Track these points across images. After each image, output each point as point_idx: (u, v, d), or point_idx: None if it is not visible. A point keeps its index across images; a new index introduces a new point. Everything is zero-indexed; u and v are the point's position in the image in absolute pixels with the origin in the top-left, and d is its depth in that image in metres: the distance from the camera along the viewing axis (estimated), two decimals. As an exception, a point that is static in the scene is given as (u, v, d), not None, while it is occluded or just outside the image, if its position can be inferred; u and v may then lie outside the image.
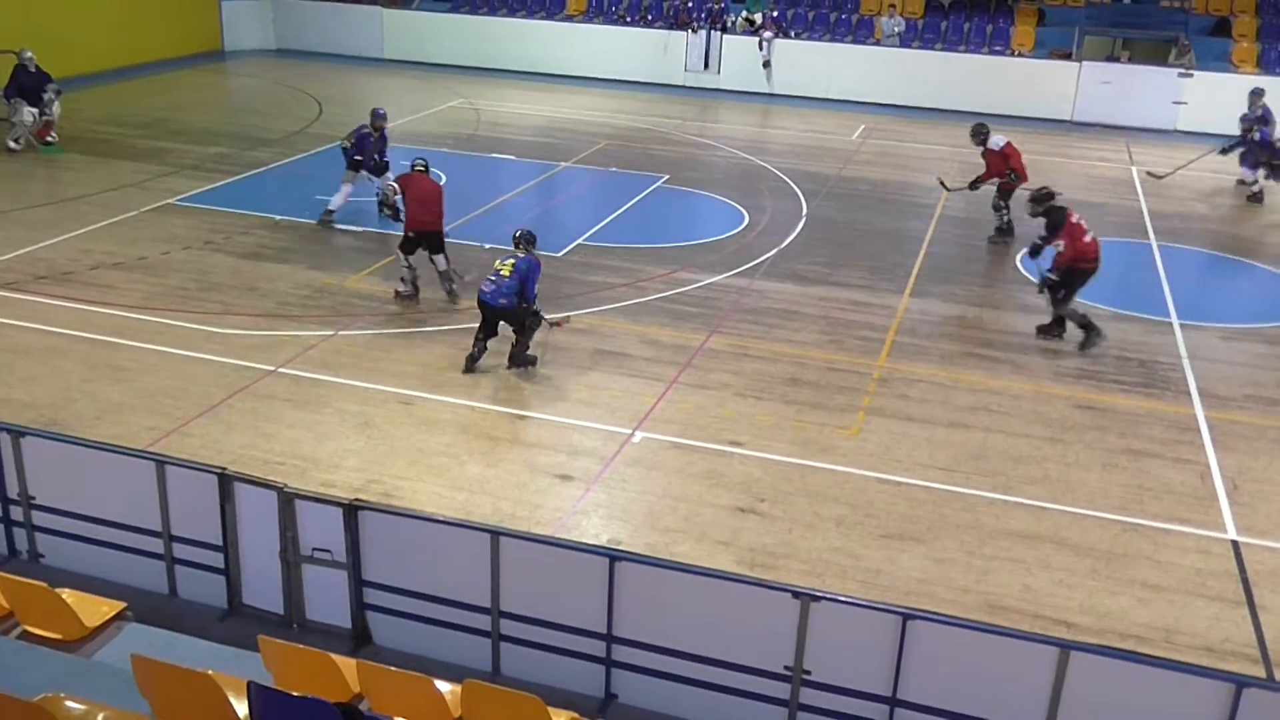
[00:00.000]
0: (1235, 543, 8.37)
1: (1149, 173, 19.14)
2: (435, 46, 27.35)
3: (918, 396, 10.59)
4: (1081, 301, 11.99)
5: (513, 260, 10.46)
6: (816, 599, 5.91)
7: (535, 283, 10.50)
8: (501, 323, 10.58)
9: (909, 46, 25.48)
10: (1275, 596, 7.74)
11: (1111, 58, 24.83)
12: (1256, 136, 17.96)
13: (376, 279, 12.87)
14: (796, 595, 5.96)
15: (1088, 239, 11.59)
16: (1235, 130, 18.49)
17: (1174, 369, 11.40)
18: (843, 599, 6.12)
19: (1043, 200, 12.01)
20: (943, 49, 25.46)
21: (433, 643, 6.75)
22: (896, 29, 25.58)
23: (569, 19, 27.51)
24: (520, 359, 10.62)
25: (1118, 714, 5.56)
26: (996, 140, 15.08)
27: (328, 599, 6.89)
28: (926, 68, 24.81)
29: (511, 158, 19.00)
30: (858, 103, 24.58)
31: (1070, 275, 11.63)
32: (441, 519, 6.94)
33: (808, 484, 8.97)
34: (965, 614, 7.29)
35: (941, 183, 16.54)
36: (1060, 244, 11.64)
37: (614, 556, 6.32)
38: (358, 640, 6.94)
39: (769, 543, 8.15)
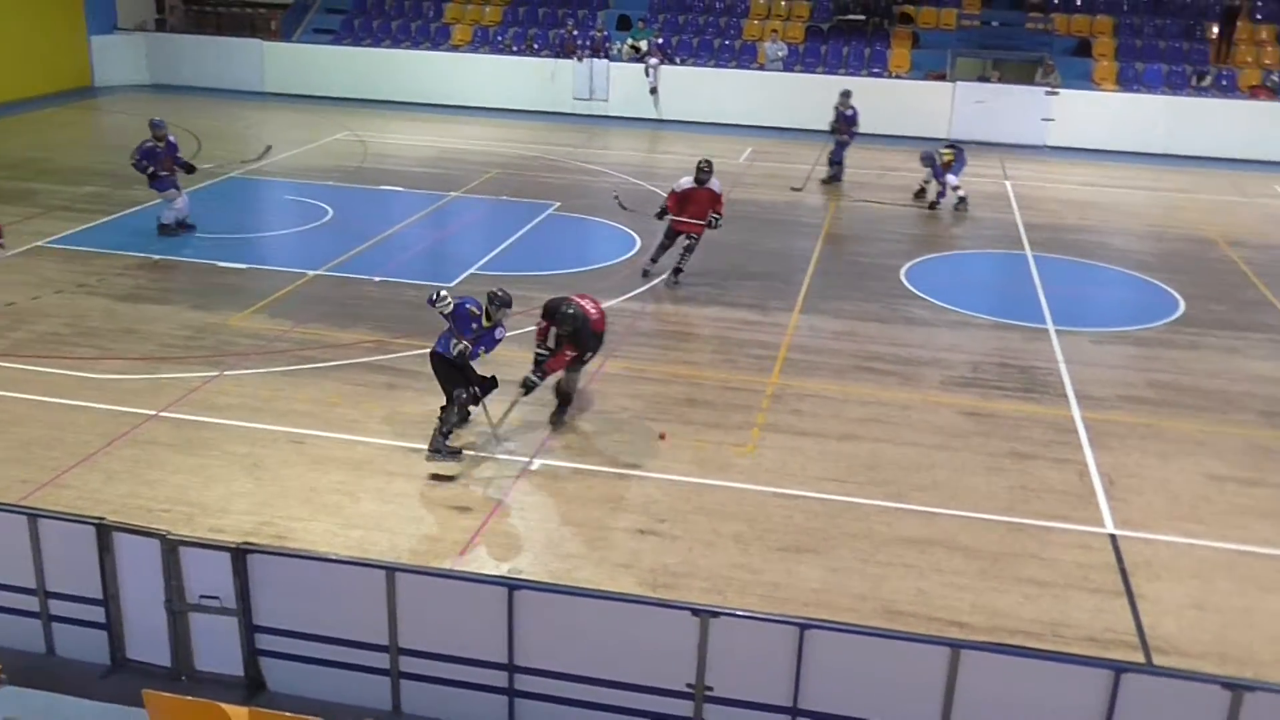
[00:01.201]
0: (1113, 536, 8.69)
1: (791, 188, 19.68)
2: (319, 79, 27.03)
3: (810, 411, 10.78)
4: (963, 311, 12.36)
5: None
6: (715, 615, 5.97)
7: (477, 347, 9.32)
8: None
9: (791, 70, 26.02)
10: (1151, 585, 8.05)
11: (983, 78, 25.67)
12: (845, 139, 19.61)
13: (262, 316, 12.65)
14: (696, 613, 6.02)
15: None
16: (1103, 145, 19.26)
17: (1051, 374, 11.80)
18: (741, 614, 6.20)
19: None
20: (824, 72, 26.04)
21: (330, 685, 6.63)
22: (779, 54, 26.10)
23: (455, 49, 27.47)
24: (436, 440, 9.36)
25: (1008, 708, 5.72)
26: (715, 182, 14.28)
27: (217, 647, 6.73)
28: (809, 91, 25.28)
29: (400, 189, 18.87)
30: (744, 126, 24.98)
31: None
32: (335, 558, 6.85)
33: (706, 502, 9.05)
34: (862, 621, 7.46)
35: (618, 200, 15.86)
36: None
37: (512, 586, 6.30)
38: (251, 688, 6.78)
39: (670, 563, 8.20)
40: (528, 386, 9.86)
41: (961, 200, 18.35)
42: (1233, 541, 8.70)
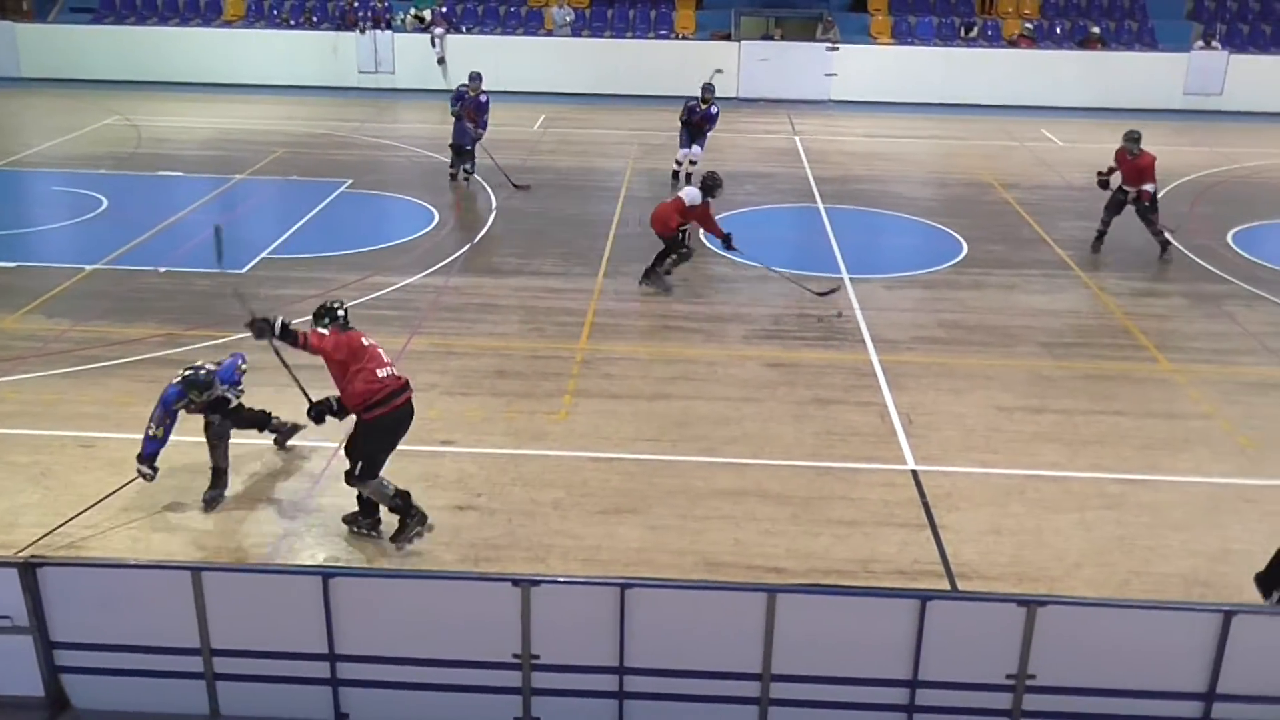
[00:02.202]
0: (915, 472, 9.11)
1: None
2: (82, 61, 25.35)
3: (620, 374, 10.86)
4: (762, 265, 12.66)
5: None
6: (536, 583, 5.97)
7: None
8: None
9: (579, 35, 25.98)
10: (952, 515, 8.48)
11: (767, 36, 26.28)
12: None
13: (38, 317, 11.85)
14: (516, 583, 6.00)
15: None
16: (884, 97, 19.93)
17: (848, 321, 12.24)
18: (562, 579, 6.22)
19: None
20: (612, 36, 26.15)
21: (141, 695, 6.32)
22: (567, 18, 26.02)
23: (228, 24, 26.26)
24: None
25: (826, 645, 5.93)
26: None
27: (13, 669, 6.30)
28: (598, 55, 25.40)
29: (180, 174, 17.96)
30: (536, 93, 24.79)
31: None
32: (135, 563, 6.51)
33: (523, 472, 9.02)
34: (684, 575, 7.60)
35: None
36: None
37: (327, 574, 6.13)
38: (54, 707, 6.40)
39: (490, 536, 8.14)
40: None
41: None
42: (1022, 467, 9.24)
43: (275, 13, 26.48)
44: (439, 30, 25.16)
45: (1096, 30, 25.70)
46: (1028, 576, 7.77)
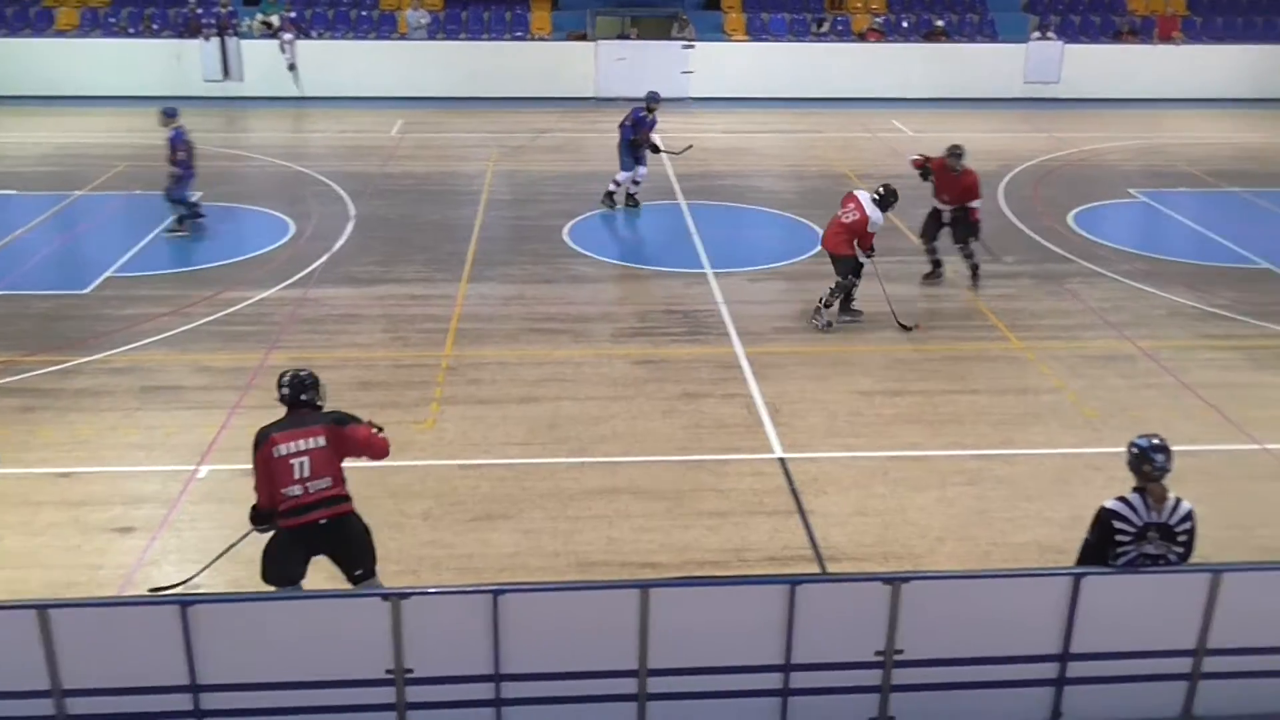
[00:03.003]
0: (782, 459, 9.26)
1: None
2: (-103, 77, 23.95)
3: (488, 379, 10.77)
4: (627, 264, 12.69)
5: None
6: (405, 596, 5.86)
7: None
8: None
9: (435, 38, 25.66)
10: (819, 500, 8.65)
11: (623, 35, 26.36)
12: None
13: None
14: (386, 597, 5.88)
15: None
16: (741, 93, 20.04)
17: (713, 315, 12.38)
18: (432, 590, 6.12)
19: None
20: (467, 38, 25.91)
21: (-13, 743, 5.99)
22: (421, 21, 25.65)
23: (61, 34, 25.14)
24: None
25: (701, 635, 5.96)
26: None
27: None
28: (455, 58, 25.12)
29: (13, 192, 17.12)
30: (392, 98, 24.37)
31: None
32: (-24, 603, 6.15)
33: (390, 485, 8.85)
34: (558, 577, 7.56)
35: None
36: None
37: (184, 602, 5.90)
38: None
39: (359, 551, 7.97)
40: None
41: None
42: (885, 449, 9.48)
43: (111, 21, 25.45)
44: (288, 36, 24.53)
45: (940, 23, 26.51)
46: (894, 555, 7.97)
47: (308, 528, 6.77)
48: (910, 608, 5.93)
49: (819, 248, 13.54)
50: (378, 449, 7.00)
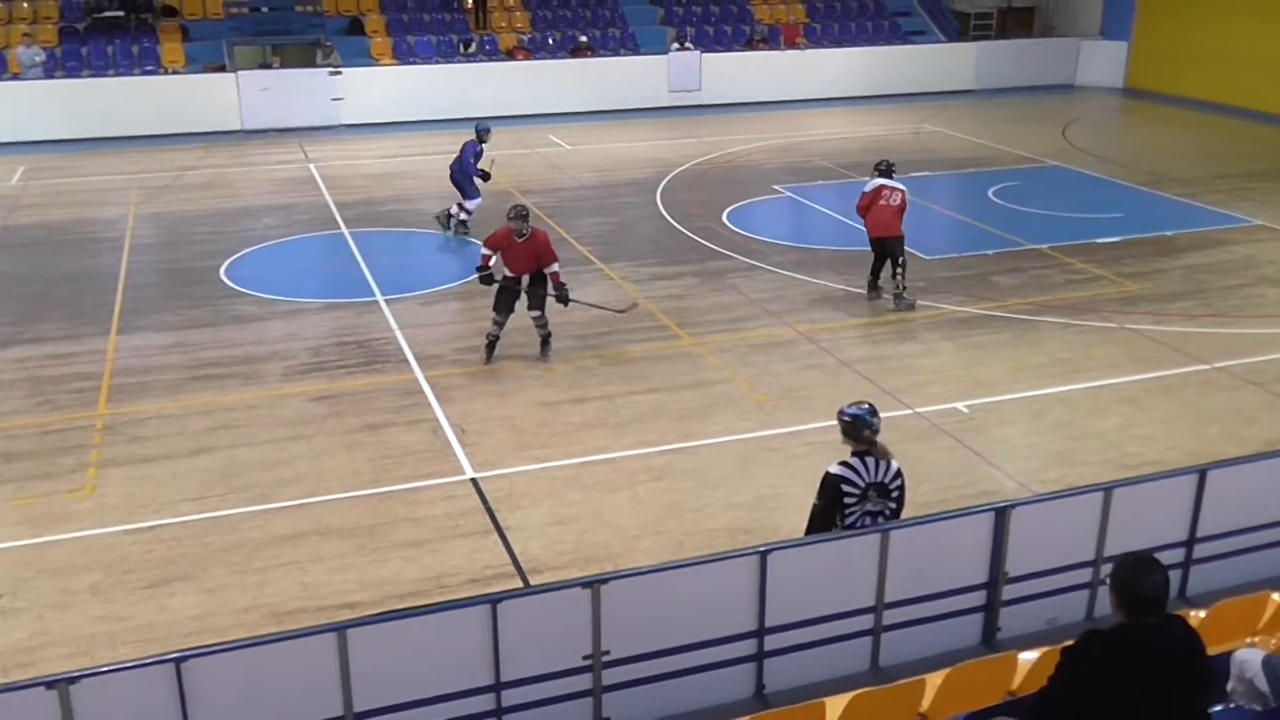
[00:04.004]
0: (474, 480, 9.20)
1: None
2: None
3: (152, 434, 10.05)
4: (293, 299, 12.18)
5: None
6: (74, 680, 5.33)
7: None
8: None
9: (53, 77, 23.71)
10: (515, 515, 8.65)
11: (265, 65, 25.38)
12: None
13: None
14: (50, 685, 5.32)
15: None
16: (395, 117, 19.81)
17: (389, 342, 12.12)
18: (105, 669, 5.60)
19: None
20: (91, 75, 24.11)
21: None
22: (37, 59, 23.59)
23: None
24: None
25: (407, 667, 5.80)
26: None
27: None
28: (80, 96, 23.34)
29: None
30: (10, 144, 22.29)
31: None
32: None
33: (49, 562, 8.08)
34: (251, 633, 7.12)
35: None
36: None
37: None
38: None
39: (20, 639, 7.25)
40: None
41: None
42: (574, 456, 9.61)
43: None
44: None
45: (584, 39, 27.29)
46: (593, 559, 8.09)
47: None
48: (612, 608, 6.03)
49: (870, 241, 13.05)
50: None
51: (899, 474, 6.56)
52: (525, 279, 11.45)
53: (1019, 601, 6.90)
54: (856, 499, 6.44)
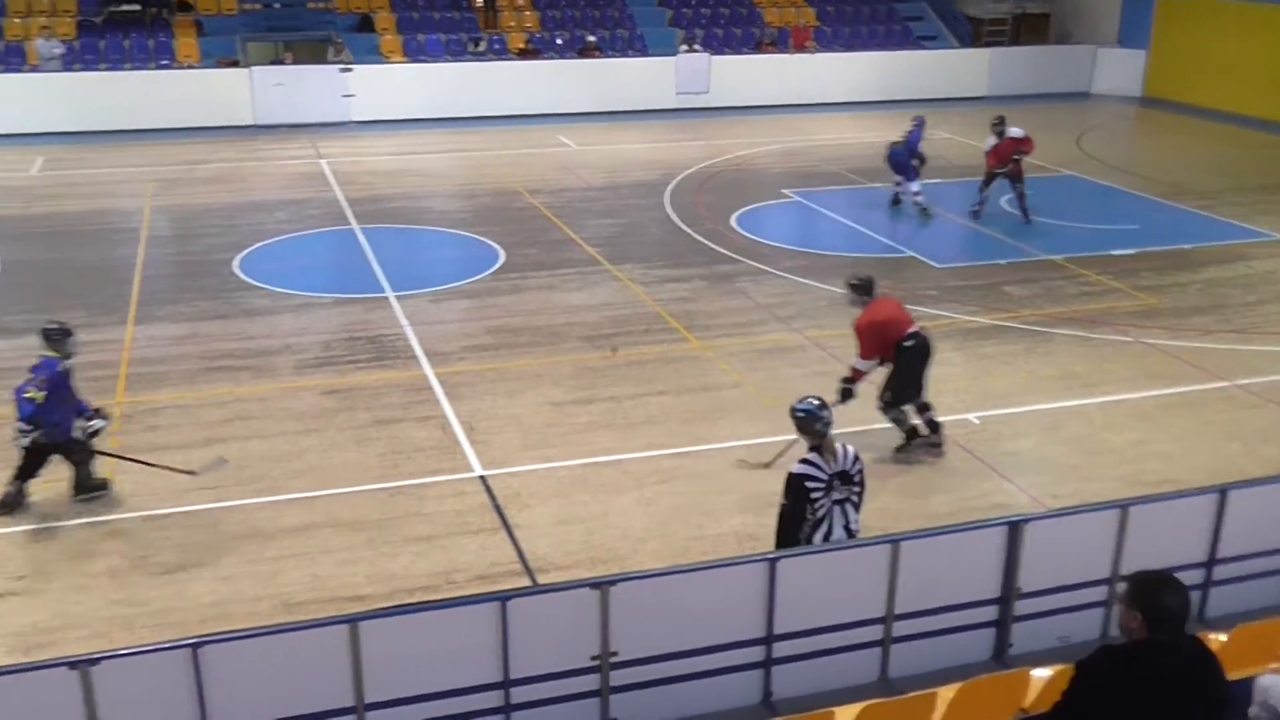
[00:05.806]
0: (483, 477, 9.35)
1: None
2: None
3: (167, 424, 10.23)
4: (304, 293, 12.35)
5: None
6: (95, 662, 5.49)
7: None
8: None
9: (71, 69, 23.87)
10: (523, 514, 8.80)
11: (277, 61, 25.51)
12: None
13: None
14: (73, 666, 5.48)
15: None
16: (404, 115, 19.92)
17: (399, 338, 12.28)
18: (124, 652, 5.76)
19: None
20: (108, 69, 24.25)
21: None
22: (55, 52, 23.73)
23: None
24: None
25: (416, 662, 5.95)
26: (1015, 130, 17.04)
27: None
28: (97, 89, 23.46)
29: None
30: (29, 134, 22.44)
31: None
32: None
33: (68, 545, 8.28)
34: (263, 622, 7.30)
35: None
36: None
37: None
38: None
39: (39, 620, 7.43)
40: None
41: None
42: (581, 457, 9.75)
43: None
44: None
45: (593, 39, 27.42)
46: (599, 560, 8.22)
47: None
48: (620, 609, 6.15)
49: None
50: None
51: (857, 458, 6.81)
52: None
53: (1031, 617, 6.89)
54: (823, 491, 6.67)
